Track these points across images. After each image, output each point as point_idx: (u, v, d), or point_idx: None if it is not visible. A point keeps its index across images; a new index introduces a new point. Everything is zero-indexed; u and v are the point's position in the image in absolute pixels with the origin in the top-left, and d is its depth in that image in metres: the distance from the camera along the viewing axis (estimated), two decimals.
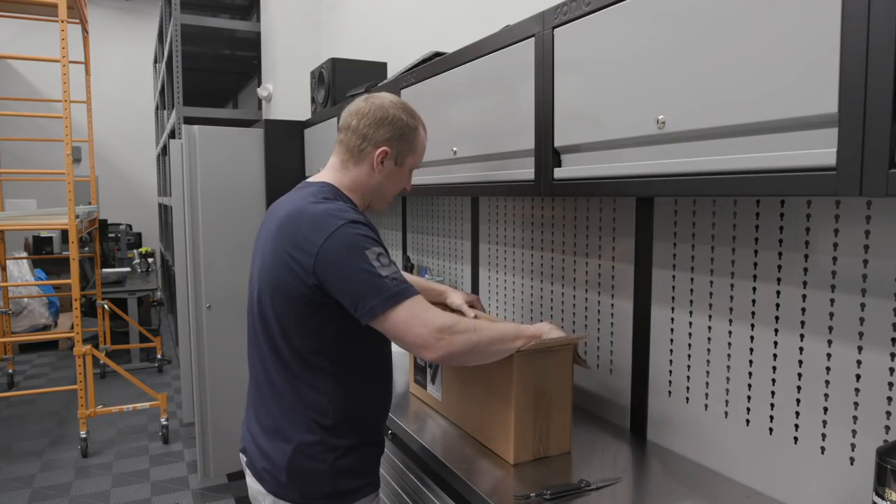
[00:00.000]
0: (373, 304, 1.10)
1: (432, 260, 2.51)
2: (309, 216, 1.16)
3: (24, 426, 3.97)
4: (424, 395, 1.68)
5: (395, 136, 1.27)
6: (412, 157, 1.32)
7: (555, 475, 1.25)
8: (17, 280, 5.58)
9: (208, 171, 2.95)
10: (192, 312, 2.96)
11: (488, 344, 1.18)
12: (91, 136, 4.91)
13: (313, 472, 1.21)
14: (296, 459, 1.21)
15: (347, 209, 1.18)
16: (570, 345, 1.34)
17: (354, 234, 1.12)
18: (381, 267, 1.11)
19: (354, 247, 1.11)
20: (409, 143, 1.30)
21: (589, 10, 1.13)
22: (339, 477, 1.21)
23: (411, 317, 1.10)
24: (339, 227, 1.12)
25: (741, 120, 0.87)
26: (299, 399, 1.21)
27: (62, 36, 3.37)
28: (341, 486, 1.22)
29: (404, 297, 1.11)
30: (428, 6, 2.57)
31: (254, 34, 4.46)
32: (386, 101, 1.30)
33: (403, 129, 1.28)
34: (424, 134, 1.35)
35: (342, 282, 1.11)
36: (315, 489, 1.21)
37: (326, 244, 1.11)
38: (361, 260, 1.10)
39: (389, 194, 1.35)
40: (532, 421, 1.30)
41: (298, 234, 1.15)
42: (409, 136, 1.30)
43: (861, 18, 0.71)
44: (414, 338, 1.10)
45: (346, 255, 1.11)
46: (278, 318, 1.20)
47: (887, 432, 0.98)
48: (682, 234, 1.33)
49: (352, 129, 1.29)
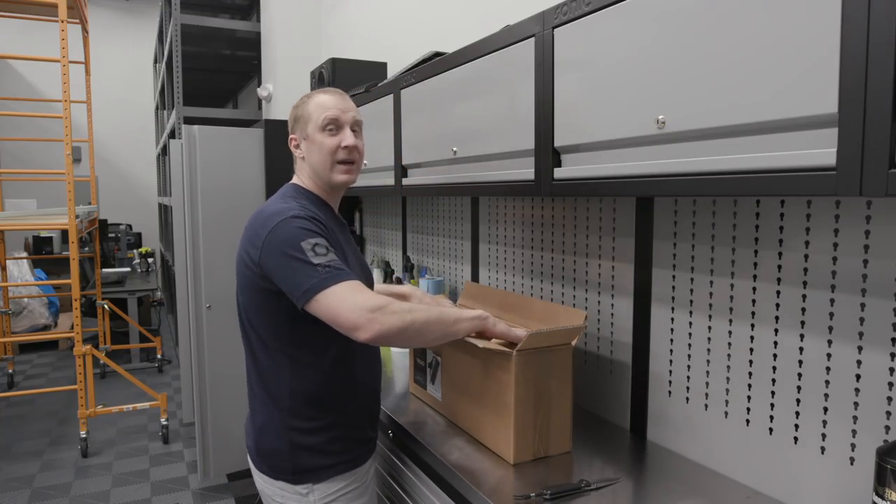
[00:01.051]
0: (305, 289, 1.18)
1: (432, 260, 2.51)
2: (263, 216, 1.28)
3: (24, 426, 3.97)
4: (424, 395, 1.68)
5: (292, 123, 1.42)
6: (311, 123, 1.37)
7: (555, 475, 1.25)
8: (17, 280, 5.58)
9: (208, 171, 2.94)
10: (192, 312, 2.96)
11: (423, 325, 1.21)
12: (91, 136, 4.91)
13: (275, 451, 1.32)
14: (260, 439, 1.35)
15: (296, 208, 1.27)
16: (569, 344, 1.33)
17: (293, 227, 1.22)
18: (316, 256, 1.19)
19: (291, 238, 1.21)
20: (302, 117, 1.38)
21: (589, 10, 1.13)
22: (299, 456, 1.31)
23: (341, 299, 1.16)
24: (280, 222, 1.23)
25: (741, 120, 0.87)
26: (262, 382, 1.34)
27: (62, 36, 3.37)
28: (303, 464, 1.31)
29: (335, 282, 1.17)
30: (428, 6, 2.57)
31: (254, 34, 4.46)
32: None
33: (294, 112, 1.41)
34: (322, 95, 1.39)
35: (280, 269, 1.21)
36: (278, 465, 1.32)
37: (268, 236, 1.23)
38: (296, 250, 1.19)
39: (325, 161, 1.38)
40: (532, 421, 1.30)
41: (253, 231, 1.29)
42: (299, 112, 1.39)
43: (861, 18, 0.71)
44: (344, 320, 1.16)
45: (283, 245, 1.21)
46: (245, 310, 1.34)
47: (887, 432, 0.98)
48: (682, 234, 1.33)
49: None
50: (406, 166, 1.99)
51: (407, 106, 1.94)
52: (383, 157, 2.12)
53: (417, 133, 1.88)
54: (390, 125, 2.05)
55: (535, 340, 1.26)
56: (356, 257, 1.43)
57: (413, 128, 1.91)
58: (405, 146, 1.96)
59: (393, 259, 2.93)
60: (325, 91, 1.40)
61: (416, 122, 1.89)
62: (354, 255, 1.42)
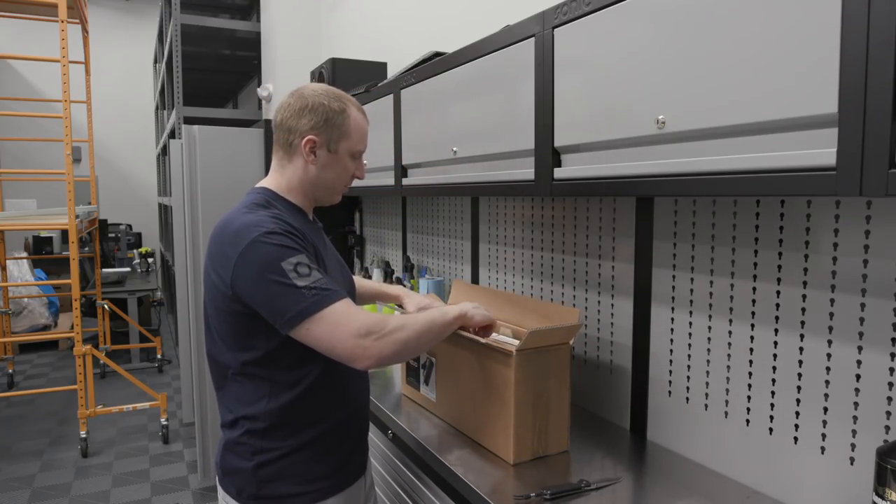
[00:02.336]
0: (290, 316, 1.07)
1: (432, 260, 2.51)
2: (230, 230, 1.14)
3: (24, 426, 3.97)
4: (417, 397, 1.68)
5: (318, 122, 1.22)
6: (347, 142, 1.24)
7: (553, 475, 1.25)
8: (17, 280, 5.58)
9: (208, 171, 2.95)
10: (192, 312, 2.96)
11: (418, 338, 1.16)
12: (91, 136, 4.91)
13: (239, 470, 1.20)
14: (226, 456, 1.22)
15: (267, 220, 1.13)
16: (567, 343, 1.33)
17: (269, 246, 1.09)
18: (299, 277, 1.08)
19: (269, 259, 1.08)
20: (338, 127, 1.23)
21: (589, 10, 1.13)
22: (266, 480, 1.19)
23: (333, 328, 1.07)
24: (251, 241, 1.09)
25: (741, 120, 0.87)
26: (233, 398, 1.21)
27: (62, 36, 3.37)
28: (269, 491, 1.19)
29: (323, 306, 1.07)
30: (428, 6, 2.57)
31: (254, 34, 4.45)
32: (308, 90, 1.25)
33: (327, 113, 1.22)
34: (360, 115, 1.28)
35: (259, 295, 1.09)
36: (242, 487, 1.20)
37: (239, 259, 1.10)
38: (275, 273, 1.07)
39: (336, 184, 1.28)
40: (531, 420, 1.30)
41: (219, 249, 1.15)
42: (336, 119, 1.23)
43: (861, 18, 0.71)
44: (340, 351, 1.08)
45: (261, 268, 1.08)
46: (215, 328, 1.21)
47: (887, 432, 0.98)
48: (682, 234, 1.33)
49: (278, 125, 1.26)
50: (406, 166, 1.99)
51: (407, 106, 1.94)
52: (383, 157, 2.12)
53: (417, 133, 1.88)
54: (390, 125, 2.05)
55: (534, 339, 1.26)
56: (335, 261, 1.33)
57: (413, 128, 1.91)
58: (405, 146, 1.96)
59: (393, 259, 2.93)
60: (362, 110, 1.29)
61: (417, 122, 1.89)
62: (334, 260, 1.32)
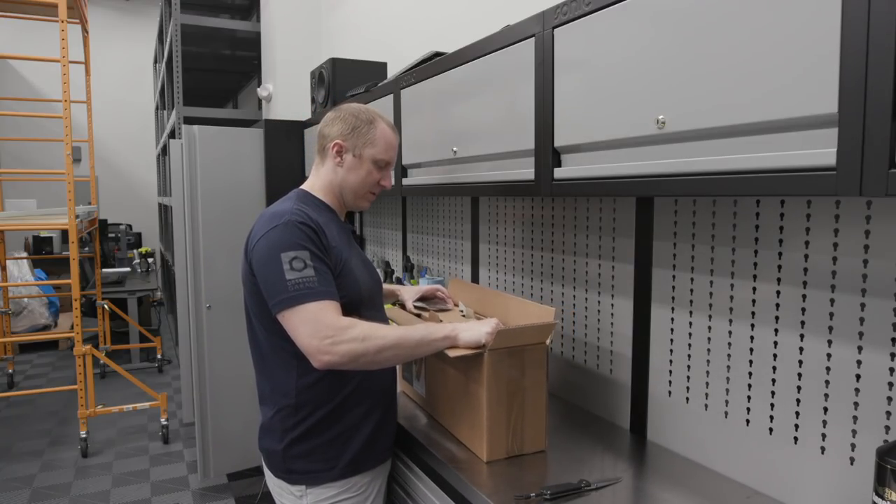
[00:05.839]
0: (273, 303, 1.20)
1: (432, 260, 2.51)
2: (264, 218, 1.28)
3: (24, 426, 3.97)
4: (410, 391, 1.70)
5: (346, 130, 1.36)
6: (371, 149, 1.37)
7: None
8: (17, 280, 5.58)
9: (208, 171, 2.94)
10: (192, 312, 2.96)
11: (377, 352, 1.19)
12: (91, 136, 4.91)
13: (272, 451, 1.34)
14: (262, 436, 1.37)
15: (296, 212, 1.25)
16: (542, 343, 1.33)
17: (280, 235, 1.21)
18: (290, 270, 1.17)
19: (273, 246, 1.20)
20: (364, 135, 1.36)
21: (589, 10, 1.13)
22: (293, 457, 1.31)
23: (299, 323, 1.17)
24: (273, 227, 1.22)
25: (741, 120, 0.87)
26: (267, 379, 1.35)
27: (62, 36, 3.37)
28: (295, 467, 1.31)
29: (299, 302, 1.16)
30: (428, 6, 2.57)
31: (254, 34, 4.46)
32: (345, 105, 1.41)
33: (354, 123, 1.36)
34: (389, 129, 1.40)
35: (260, 275, 1.23)
36: (276, 464, 1.34)
37: (259, 242, 1.24)
38: (273, 260, 1.19)
39: (359, 188, 1.39)
40: (505, 419, 1.30)
41: (253, 231, 1.30)
42: (362, 128, 1.36)
43: (861, 19, 0.71)
44: (301, 346, 1.18)
45: (266, 252, 1.21)
46: (249, 308, 1.34)
47: (887, 432, 0.98)
48: (682, 234, 1.33)
49: (317, 134, 1.43)
50: (406, 166, 1.99)
51: (407, 106, 1.94)
52: None
53: (417, 133, 1.88)
54: None
55: (503, 339, 1.26)
56: (360, 260, 1.41)
57: (413, 128, 1.91)
58: (405, 146, 1.96)
59: (393, 259, 2.93)
60: (392, 127, 1.42)
61: (416, 122, 1.89)
62: (358, 259, 1.40)
